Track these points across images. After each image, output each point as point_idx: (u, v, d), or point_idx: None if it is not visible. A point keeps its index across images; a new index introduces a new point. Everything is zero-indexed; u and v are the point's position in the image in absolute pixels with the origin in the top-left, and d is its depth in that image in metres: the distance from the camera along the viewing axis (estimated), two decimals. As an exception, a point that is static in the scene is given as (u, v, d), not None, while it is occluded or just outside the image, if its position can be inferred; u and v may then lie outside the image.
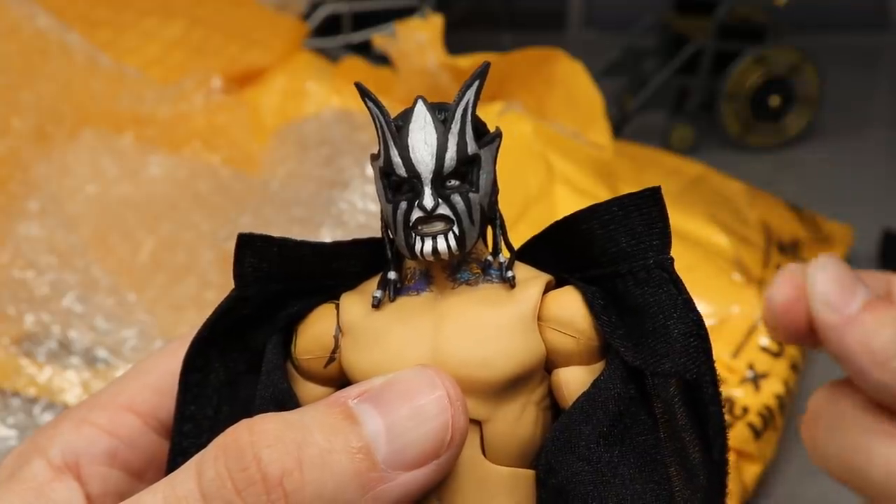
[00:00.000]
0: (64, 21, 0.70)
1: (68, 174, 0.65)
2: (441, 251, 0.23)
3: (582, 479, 0.23)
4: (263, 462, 0.21)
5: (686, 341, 0.23)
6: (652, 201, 0.24)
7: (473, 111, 0.24)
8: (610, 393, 0.23)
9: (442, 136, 0.23)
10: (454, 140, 0.23)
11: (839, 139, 1.16)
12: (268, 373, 0.25)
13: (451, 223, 0.23)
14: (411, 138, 0.23)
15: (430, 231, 0.23)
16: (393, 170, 0.23)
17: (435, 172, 0.23)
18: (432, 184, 0.23)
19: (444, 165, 0.23)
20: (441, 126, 0.23)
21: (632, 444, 0.23)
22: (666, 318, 0.23)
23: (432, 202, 0.23)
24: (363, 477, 0.21)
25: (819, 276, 0.28)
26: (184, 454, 0.26)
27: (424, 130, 0.23)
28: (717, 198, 0.77)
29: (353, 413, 0.22)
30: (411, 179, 0.23)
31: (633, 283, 0.24)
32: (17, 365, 0.58)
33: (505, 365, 0.23)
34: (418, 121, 0.23)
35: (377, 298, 0.25)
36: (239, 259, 0.25)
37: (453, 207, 0.23)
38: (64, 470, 0.26)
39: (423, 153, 0.23)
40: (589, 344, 0.24)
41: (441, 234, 0.23)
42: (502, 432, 0.24)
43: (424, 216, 0.23)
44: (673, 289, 0.23)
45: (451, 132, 0.23)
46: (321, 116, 0.71)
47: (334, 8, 0.79)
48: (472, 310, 0.24)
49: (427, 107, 0.23)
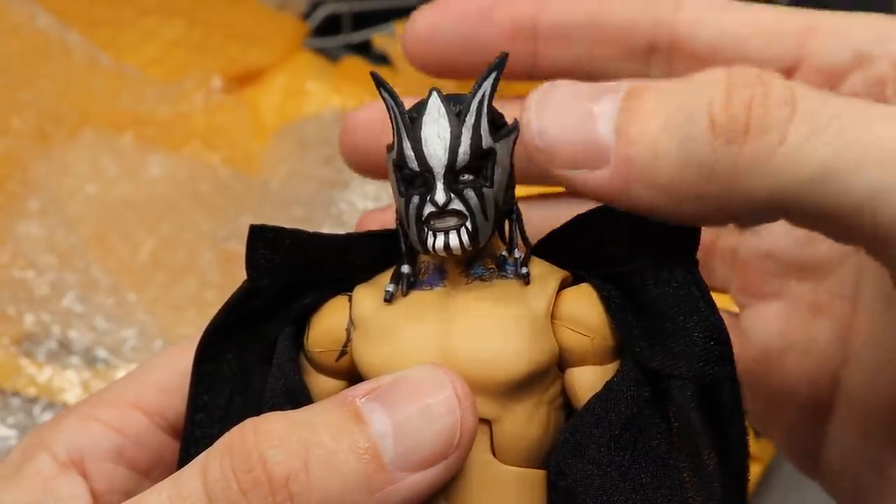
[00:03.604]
0: (64, 21, 0.70)
1: (68, 174, 0.64)
2: (453, 247, 0.23)
3: (592, 482, 0.23)
4: (269, 463, 0.21)
5: (706, 344, 0.23)
6: None
7: (489, 103, 0.23)
8: (623, 395, 0.23)
9: (456, 129, 0.23)
10: (468, 133, 0.23)
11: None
12: (279, 365, 0.25)
13: (464, 218, 0.23)
14: (424, 131, 0.23)
15: (442, 226, 0.23)
16: (405, 163, 0.23)
17: (447, 167, 0.23)
18: (444, 178, 0.23)
19: (458, 160, 0.23)
20: (455, 119, 0.23)
21: (644, 448, 0.23)
22: (686, 320, 0.23)
23: (444, 197, 0.23)
24: (370, 478, 0.21)
25: None
26: (196, 444, 0.26)
27: (438, 123, 0.23)
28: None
29: (361, 413, 0.22)
30: (423, 173, 0.23)
31: (654, 282, 0.23)
32: (17, 365, 0.58)
33: (516, 364, 0.23)
34: (431, 113, 0.23)
35: (389, 293, 0.24)
36: (251, 250, 0.25)
37: (466, 202, 0.23)
38: (69, 466, 0.26)
39: (436, 147, 0.23)
40: (603, 344, 0.24)
41: (454, 230, 0.23)
42: (512, 432, 0.23)
43: (436, 211, 0.23)
44: (695, 290, 0.23)
45: (465, 125, 0.23)
46: (321, 116, 0.71)
47: (334, 8, 0.79)
48: (484, 306, 0.24)
49: (441, 99, 0.23)
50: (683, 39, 0.29)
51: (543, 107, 0.23)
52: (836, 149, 0.20)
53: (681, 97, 0.21)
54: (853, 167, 0.20)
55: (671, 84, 0.22)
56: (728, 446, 0.23)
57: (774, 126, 0.20)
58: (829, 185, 0.20)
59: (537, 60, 0.30)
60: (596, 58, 0.30)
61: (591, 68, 0.30)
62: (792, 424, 0.31)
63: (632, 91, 0.22)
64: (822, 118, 0.20)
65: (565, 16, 0.30)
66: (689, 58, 0.29)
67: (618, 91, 0.22)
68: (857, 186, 0.20)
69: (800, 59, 0.28)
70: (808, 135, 0.20)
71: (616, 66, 0.30)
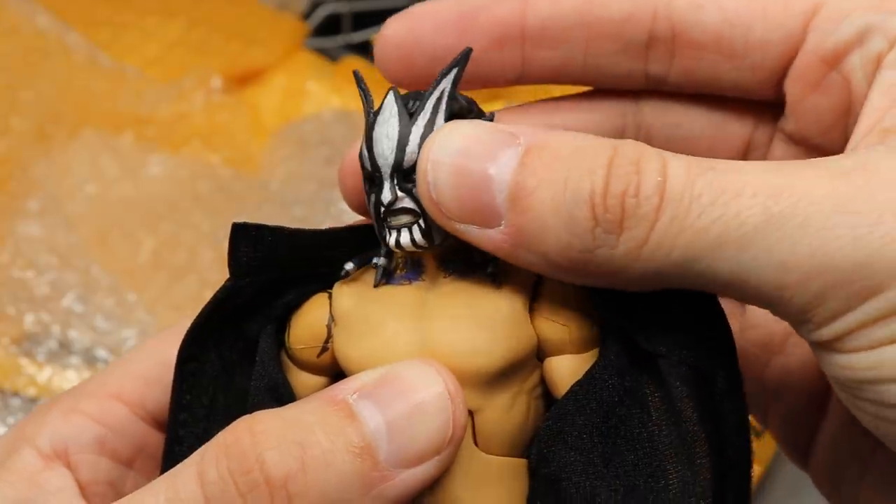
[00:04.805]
0: (64, 21, 0.70)
1: (68, 174, 0.64)
2: (404, 244, 0.23)
3: (574, 469, 0.23)
4: (267, 465, 0.21)
5: (706, 332, 0.23)
6: None
7: (450, 100, 0.23)
8: (604, 384, 0.23)
9: (405, 128, 0.23)
10: (418, 132, 0.23)
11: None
12: (262, 363, 0.25)
13: (416, 216, 0.23)
14: (376, 131, 0.23)
15: (396, 223, 0.23)
16: (363, 162, 0.24)
17: (394, 167, 0.23)
18: (392, 178, 0.23)
19: (405, 159, 0.23)
20: (406, 118, 0.23)
21: (626, 436, 0.23)
22: (688, 308, 0.23)
23: (390, 196, 0.23)
24: (365, 476, 0.21)
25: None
26: (179, 443, 0.26)
27: (388, 123, 0.23)
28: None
29: (353, 410, 0.22)
30: (374, 173, 0.23)
31: None
32: (17, 365, 0.58)
33: (495, 354, 0.23)
34: (384, 113, 0.23)
35: (347, 271, 0.25)
36: (233, 248, 0.25)
37: (416, 201, 0.23)
38: (54, 458, 0.26)
39: (384, 147, 0.23)
40: (581, 333, 0.24)
41: (405, 227, 0.23)
42: (494, 421, 0.24)
43: (387, 209, 0.23)
44: None
45: (415, 124, 0.23)
46: (321, 116, 0.71)
47: (334, 8, 0.79)
48: (462, 299, 0.24)
49: (396, 98, 0.23)
50: (685, 28, 0.27)
51: (439, 161, 0.22)
52: (696, 232, 0.21)
53: (569, 171, 0.21)
54: (713, 249, 0.21)
55: (568, 143, 0.22)
56: (722, 438, 0.23)
57: (644, 218, 0.21)
58: (694, 268, 0.21)
59: (526, 64, 0.28)
60: (590, 55, 0.28)
61: (586, 67, 0.29)
62: (790, 412, 0.31)
63: (529, 150, 0.22)
64: (684, 202, 0.21)
65: (555, 12, 0.28)
66: (692, 47, 0.27)
67: (517, 146, 0.22)
68: (720, 268, 0.21)
69: (803, 41, 0.27)
70: (671, 222, 0.21)
71: (612, 64, 0.28)
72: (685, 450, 0.23)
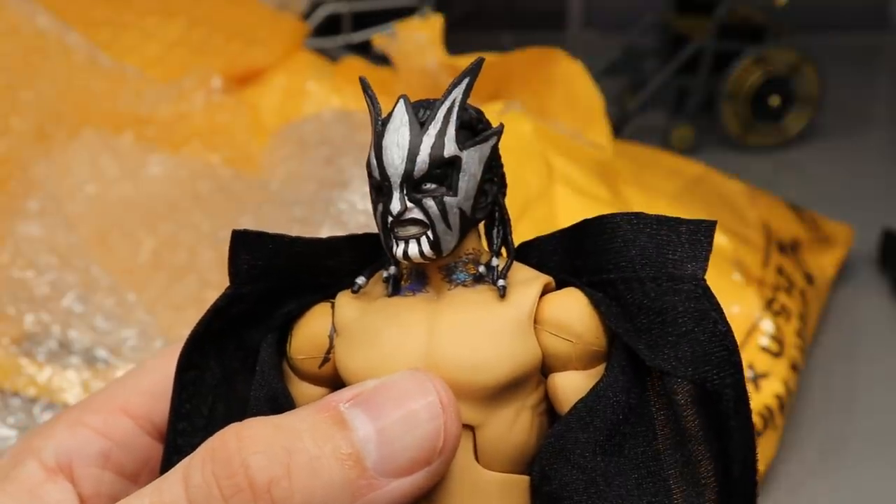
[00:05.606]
0: (64, 21, 0.70)
1: (68, 174, 0.65)
2: (412, 255, 0.23)
3: (576, 487, 0.23)
4: (251, 469, 0.21)
5: (715, 351, 0.22)
6: (705, 231, 0.23)
7: (461, 109, 0.23)
8: (609, 401, 0.23)
9: (416, 137, 0.22)
10: (429, 142, 0.22)
11: (839, 139, 1.16)
12: (262, 372, 0.25)
13: (425, 227, 0.23)
14: (385, 139, 0.23)
15: (403, 234, 0.23)
16: (371, 171, 0.23)
17: (404, 176, 0.22)
18: (402, 187, 0.23)
19: (415, 169, 0.22)
20: (417, 127, 0.23)
21: (630, 454, 0.23)
22: (695, 326, 0.22)
23: (399, 206, 0.23)
24: (353, 484, 0.21)
25: None
26: (178, 452, 0.26)
27: (399, 132, 0.23)
28: (716, 198, 0.77)
29: (344, 418, 0.22)
30: (383, 182, 0.23)
31: (656, 291, 0.23)
32: (17, 365, 0.58)
33: (499, 369, 0.23)
34: (395, 121, 0.23)
35: (358, 285, 0.24)
36: (234, 256, 0.25)
37: (426, 211, 0.23)
38: (57, 471, 0.26)
39: (394, 156, 0.22)
40: (586, 349, 0.24)
41: (414, 238, 0.23)
42: (496, 438, 0.23)
43: (395, 220, 0.23)
44: (705, 301, 0.22)
45: (426, 133, 0.22)
46: (321, 116, 0.71)
47: (334, 8, 0.79)
48: (466, 312, 0.23)
49: (407, 106, 0.23)
50: None
51: None
52: None
53: None
54: None
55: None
56: (728, 457, 0.22)
57: None
58: None
59: None
60: None
61: None
62: None
63: None
64: None
65: None
66: None
67: None
68: None
69: None
70: None
71: None
72: (690, 469, 0.22)
